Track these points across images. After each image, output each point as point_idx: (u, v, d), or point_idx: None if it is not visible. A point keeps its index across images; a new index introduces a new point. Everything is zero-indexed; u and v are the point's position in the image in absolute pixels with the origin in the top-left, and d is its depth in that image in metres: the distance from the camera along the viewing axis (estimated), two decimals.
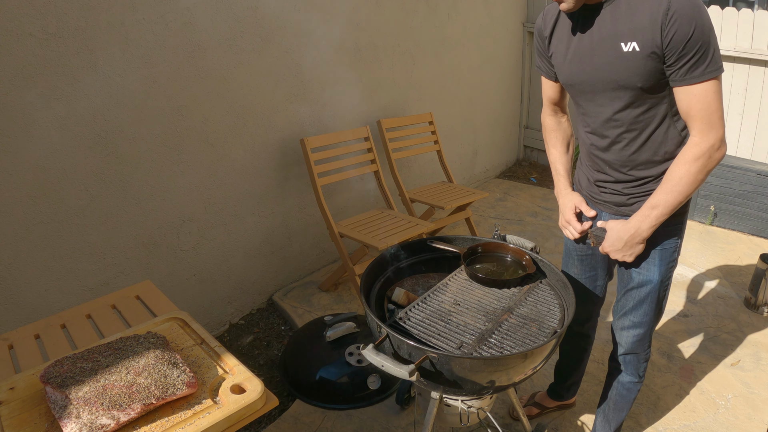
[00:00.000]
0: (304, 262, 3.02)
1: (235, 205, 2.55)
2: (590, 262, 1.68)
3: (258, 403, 0.99)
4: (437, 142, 3.42)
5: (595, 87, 1.36)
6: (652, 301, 1.53)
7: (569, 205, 1.59)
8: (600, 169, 1.50)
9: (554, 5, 1.42)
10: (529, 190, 4.34)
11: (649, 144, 1.37)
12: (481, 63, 4.07)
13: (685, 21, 1.16)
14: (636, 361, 1.64)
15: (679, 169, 1.29)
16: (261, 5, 2.44)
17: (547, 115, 1.68)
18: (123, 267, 2.18)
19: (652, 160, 1.39)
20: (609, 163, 1.45)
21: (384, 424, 2.00)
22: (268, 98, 2.58)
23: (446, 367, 1.14)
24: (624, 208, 1.48)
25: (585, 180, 1.59)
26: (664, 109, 1.33)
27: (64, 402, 0.91)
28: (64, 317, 1.36)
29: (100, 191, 2.05)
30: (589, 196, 1.59)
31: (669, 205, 1.32)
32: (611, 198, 1.50)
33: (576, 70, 1.38)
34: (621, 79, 1.29)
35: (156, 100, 2.14)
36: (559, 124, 1.67)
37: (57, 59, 1.83)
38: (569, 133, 1.68)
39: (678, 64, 1.21)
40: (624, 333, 1.61)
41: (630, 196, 1.46)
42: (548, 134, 1.68)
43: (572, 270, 1.72)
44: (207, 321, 2.57)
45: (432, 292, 1.44)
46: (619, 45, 1.26)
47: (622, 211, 1.49)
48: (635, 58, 1.24)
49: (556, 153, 1.66)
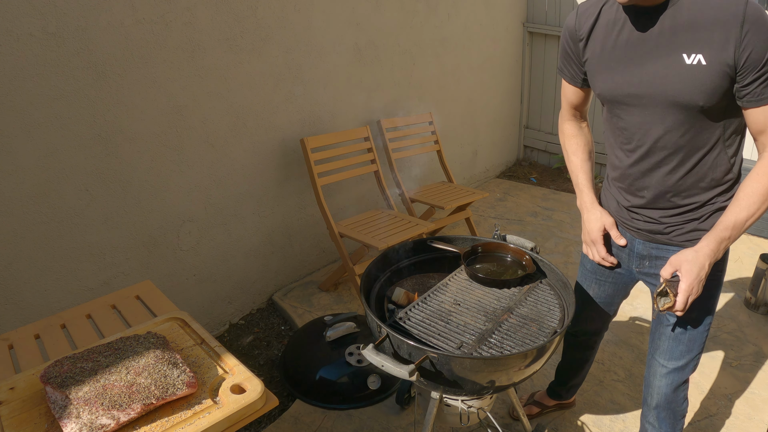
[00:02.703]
0: (304, 262, 3.02)
1: (235, 205, 2.55)
2: (610, 286, 1.55)
3: (258, 403, 0.99)
4: (437, 142, 3.42)
5: (643, 101, 1.20)
6: (702, 339, 1.39)
7: (597, 225, 1.43)
8: (636, 193, 1.34)
9: (592, 3, 1.28)
10: (529, 190, 4.34)
11: (697, 170, 1.22)
12: (481, 63, 4.07)
13: (763, 35, 1.03)
14: (672, 418, 1.49)
15: (759, 183, 1.15)
16: (261, 5, 2.44)
17: (565, 120, 1.54)
18: (123, 267, 2.18)
19: (698, 187, 1.25)
20: (649, 187, 1.30)
21: (384, 424, 2.00)
22: (268, 98, 2.58)
23: (446, 367, 1.14)
24: (660, 236, 1.34)
25: (614, 203, 1.43)
26: (719, 133, 1.19)
27: (64, 402, 0.91)
28: (64, 317, 1.35)
29: (100, 191, 2.05)
30: (618, 220, 1.44)
31: (746, 225, 1.17)
32: (645, 225, 1.36)
33: (621, 81, 1.22)
34: (679, 95, 1.13)
35: (156, 100, 2.14)
36: (579, 130, 1.53)
37: (57, 59, 1.83)
38: (590, 141, 1.55)
39: (754, 84, 1.08)
40: (663, 381, 1.45)
41: (668, 225, 1.32)
42: (568, 140, 1.53)
43: (589, 289, 1.60)
44: (207, 321, 2.57)
45: (432, 292, 1.44)
46: (680, 56, 1.11)
47: (658, 240, 1.35)
48: (700, 73, 1.10)
49: (578, 161, 1.50)
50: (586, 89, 1.44)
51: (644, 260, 1.42)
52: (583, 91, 1.45)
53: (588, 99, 1.49)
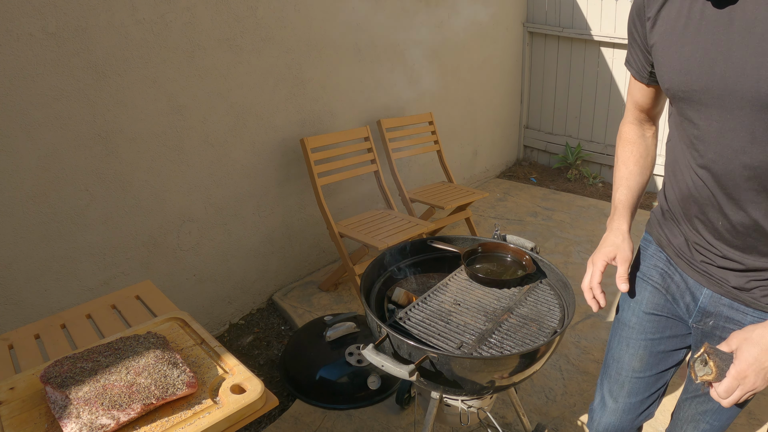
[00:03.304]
0: (304, 262, 3.02)
1: (235, 205, 2.55)
2: (664, 350, 1.16)
3: (258, 403, 0.99)
4: (437, 142, 3.42)
5: (725, 101, 0.88)
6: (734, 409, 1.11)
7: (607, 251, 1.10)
8: (709, 227, 1.01)
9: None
10: (529, 190, 4.34)
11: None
12: (481, 63, 4.07)
13: None
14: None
15: None
16: (261, 5, 2.44)
17: (628, 122, 1.23)
18: (123, 267, 2.18)
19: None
20: (730, 219, 0.96)
21: (384, 424, 2.00)
22: (268, 98, 2.58)
23: (446, 367, 1.14)
24: (741, 293, 0.99)
25: (679, 237, 1.09)
26: None
27: (64, 402, 0.91)
28: (64, 317, 1.35)
29: (100, 191, 2.05)
30: (679, 257, 1.10)
31: None
32: (717, 272, 1.02)
33: (698, 72, 0.91)
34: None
35: (156, 100, 2.14)
36: (641, 138, 1.20)
37: (57, 59, 1.83)
38: (652, 153, 1.21)
39: None
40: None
41: (751, 279, 0.97)
42: (623, 147, 1.21)
43: (626, 354, 1.19)
44: (207, 321, 2.57)
45: (432, 292, 1.44)
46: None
47: (737, 297, 1.00)
48: None
49: (625, 173, 1.17)
50: (656, 86, 1.12)
51: (708, 318, 1.07)
52: (653, 88, 1.13)
53: (660, 100, 1.17)
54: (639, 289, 1.18)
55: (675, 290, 1.13)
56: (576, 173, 4.48)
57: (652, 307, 1.16)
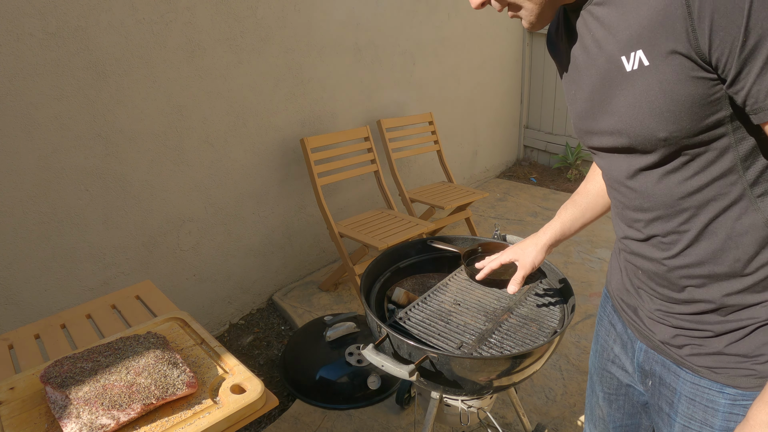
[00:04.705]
0: (304, 262, 3.02)
1: (235, 205, 2.55)
2: (626, 402, 1.00)
3: (258, 403, 0.99)
4: (437, 142, 3.42)
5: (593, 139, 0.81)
6: None
7: (514, 251, 1.23)
8: (633, 276, 0.89)
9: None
10: (529, 190, 4.34)
11: (707, 240, 0.73)
12: (481, 63, 4.07)
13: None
14: None
15: None
16: (261, 5, 2.44)
17: (596, 168, 1.15)
18: (123, 267, 2.18)
19: (714, 274, 0.74)
20: (643, 268, 0.84)
21: (384, 424, 2.00)
22: (268, 98, 2.58)
23: (446, 367, 1.14)
24: (672, 350, 0.83)
25: (626, 285, 0.93)
26: (731, 170, 0.69)
27: (64, 402, 0.91)
28: (64, 317, 1.35)
29: (100, 191, 2.05)
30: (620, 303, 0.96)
31: None
32: (650, 326, 0.87)
33: (574, 112, 0.83)
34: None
35: (156, 100, 2.14)
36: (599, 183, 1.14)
37: (57, 59, 1.83)
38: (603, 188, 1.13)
39: (746, 77, 0.60)
40: None
41: (679, 333, 0.81)
42: (582, 184, 1.19)
43: (595, 415, 1.09)
44: (207, 321, 2.57)
45: (432, 292, 1.44)
46: (619, 60, 0.69)
47: (664, 352, 0.85)
48: (645, 78, 0.67)
49: (583, 191, 1.17)
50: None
51: (647, 378, 0.91)
52: None
53: None
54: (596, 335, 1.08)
55: (621, 344, 0.97)
56: (576, 173, 4.48)
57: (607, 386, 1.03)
